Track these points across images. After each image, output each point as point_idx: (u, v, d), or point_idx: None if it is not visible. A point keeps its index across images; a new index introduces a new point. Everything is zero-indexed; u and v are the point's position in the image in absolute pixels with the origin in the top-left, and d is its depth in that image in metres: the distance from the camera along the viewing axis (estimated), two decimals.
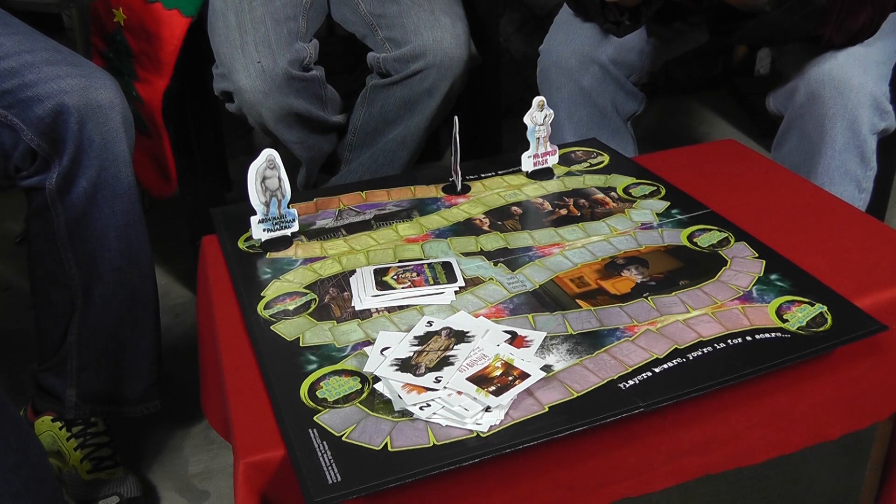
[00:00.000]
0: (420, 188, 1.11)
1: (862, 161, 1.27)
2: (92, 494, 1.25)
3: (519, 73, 2.49)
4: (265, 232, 0.97)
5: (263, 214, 0.97)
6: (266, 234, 0.97)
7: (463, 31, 1.49)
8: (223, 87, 1.43)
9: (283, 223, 0.98)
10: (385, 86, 1.47)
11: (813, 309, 0.83)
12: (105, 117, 1.11)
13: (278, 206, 0.97)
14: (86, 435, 1.28)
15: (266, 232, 0.97)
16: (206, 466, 1.35)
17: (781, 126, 1.34)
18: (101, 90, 1.11)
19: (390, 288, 0.88)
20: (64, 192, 1.13)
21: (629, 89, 1.46)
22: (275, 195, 0.97)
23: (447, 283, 0.88)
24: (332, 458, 0.67)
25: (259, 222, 0.97)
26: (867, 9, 1.19)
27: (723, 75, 2.72)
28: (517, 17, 2.49)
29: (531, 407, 0.72)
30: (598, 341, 0.80)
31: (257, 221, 0.97)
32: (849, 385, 0.86)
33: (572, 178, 1.13)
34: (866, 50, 1.24)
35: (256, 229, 0.97)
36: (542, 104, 1.10)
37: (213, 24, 1.43)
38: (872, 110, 1.23)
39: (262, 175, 0.95)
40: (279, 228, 0.98)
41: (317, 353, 0.79)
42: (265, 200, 0.96)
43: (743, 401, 0.79)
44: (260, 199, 0.96)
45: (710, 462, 0.81)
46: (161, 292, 1.28)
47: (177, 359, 1.51)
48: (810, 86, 1.25)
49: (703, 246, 0.95)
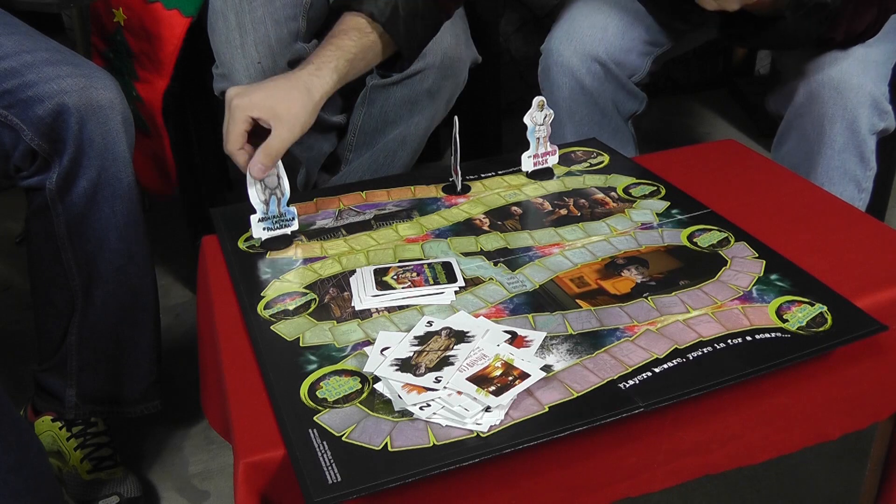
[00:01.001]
0: (420, 188, 1.11)
1: (861, 161, 1.27)
2: (92, 494, 1.25)
3: (519, 73, 2.49)
4: (265, 231, 0.98)
5: (263, 213, 0.97)
6: (266, 232, 0.98)
7: (463, 30, 1.49)
8: (223, 87, 1.42)
9: (283, 222, 0.98)
10: (385, 86, 1.46)
11: (813, 309, 0.83)
12: (105, 117, 1.11)
13: (278, 204, 0.97)
14: (86, 435, 1.28)
15: (266, 231, 0.98)
16: (206, 466, 1.35)
17: (781, 126, 1.34)
18: (102, 90, 1.11)
19: (390, 288, 0.88)
20: (64, 192, 1.13)
21: (630, 89, 1.46)
22: (274, 193, 0.97)
23: (447, 283, 0.88)
24: (332, 458, 0.67)
25: (259, 221, 0.97)
26: (872, 10, 1.20)
27: (723, 75, 2.72)
28: (517, 17, 2.49)
29: (531, 407, 0.72)
30: (598, 341, 0.80)
31: (257, 220, 0.97)
32: (849, 385, 0.86)
33: (572, 178, 1.13)
34: (866, 50, 1.24)
35: (256, 228, 0.97)
36: (542, 104, 1.10)
37: (213, 24, 1.43)
38: (872, 110, 1.23)
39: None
40: (279, 227, 0.98)
41: (317, 353, 0.79)
42: (264, 199, 0.97)
43: (743, 401, 0.79)
44: (259, 198, 0.96)
45: (710, 462, 0.81)
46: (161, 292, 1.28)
47: (177, 359, 1.52)
48: (809, 86, 1.25)
49: (703, 246, 0.95)
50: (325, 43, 1.10)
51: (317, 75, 1.04)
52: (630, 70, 1.44)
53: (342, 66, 1.07)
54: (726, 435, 0.80)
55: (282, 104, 0.98)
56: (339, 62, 1.06)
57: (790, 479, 0.91)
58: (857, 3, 1.18)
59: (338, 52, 1.07)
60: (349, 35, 1.10)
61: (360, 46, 1.10)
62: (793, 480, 0.92)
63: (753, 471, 0.86)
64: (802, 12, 1.15)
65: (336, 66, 1.06)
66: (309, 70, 1.04)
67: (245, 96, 0.98)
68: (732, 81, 2.68)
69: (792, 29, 1.18)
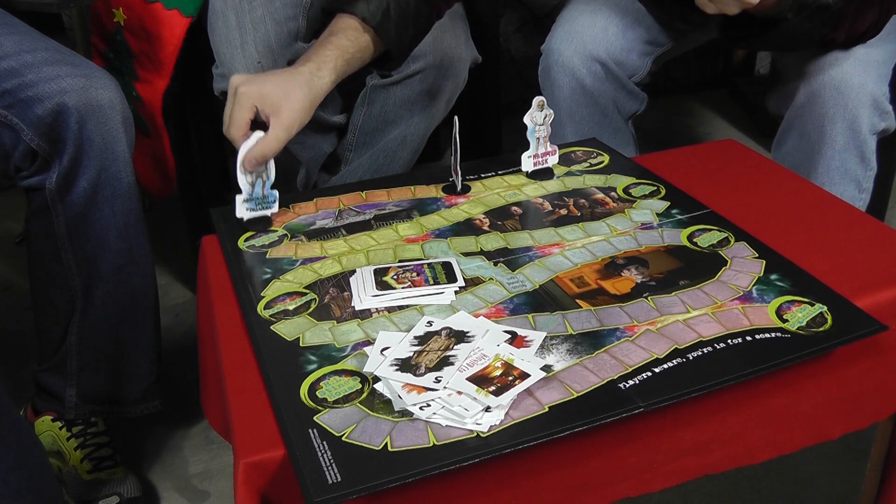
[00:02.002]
0: (420, 188, 1.11)
1: (862, 161, 1.27)
2: (92, 494, 1.25)
3: (519, 73, 2.49)
4: (248, 211, 1.02)
5: (248, 194, 1.02)
6: (248, 213, 1.02)
7: (463, 30, 1.49)
8: (223, 87, 1.42)
9: (266, 203, 1.03)
10: (385, 86, 1.46)
11: (813, 309, 0.83)
12: (105, 117, 1.11)
13: (262, 187, 1.02)
14: (86, 435, 1.28)
15: (248, 211, 1.02)
16: (206, 466, 1.35)
17: (781, 126, 1.34)
18: (101, 90, 1.11)
19: (390, 288, 0.88)
20: (64, 193, 1.13)
21: (630, 89, 1.46)
22: (260, 177, 1.02)
23: (447, 283, 0.88)
24: (332, 458, 0.67)
25: (244, 201, 1.02)
26: (873, 10, 1.20)
27: (723, 75, 2.72)
28: (517, 17, 2.49)
29: (531, 407, 0.72)
30: (598, 341, 0.80)
31: (242, 200, 1.01)
32: (849, 385, 0.86)
33: (572, 178, 1.13)
34: (866, 50, 1.24)
35: (240, 208, 1.02)
36: (542, 104, 1.10)
37: (213, 24, 1.43)
38: (872, 110, 1.23)
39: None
40: (261, 208, 1.03)
41: (317, 353, 0.79)
42: (251, 181, 1.01)
43: (743, 401, 0.79)
44: (246, 179, 1.01)
45: (710, 462, 0.81)
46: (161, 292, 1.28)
47: (177, 359, 1.52)
48: (810, 86, 1.25)
49: (703, 246, 0.95)
50: (323, 41, 1.12)
51: (318, 75, 1.07)
52: (630, 70, 1.44)
53: (340, 66, 1.10)
54: (726, 435, 0.80)
55: (285, 101, 1.02)
56: (337, 62, 1.10)
57: (790, 479, 0.91)
58: (858, 5, 1.18)
59: (336, 51, 1.10)
60: (347, 35, 1.13)
61: (356, 46, 1.13)
62: (793, 480, 0.92)
63: (753, 471, 0.86)
64: (805, 14, 1.15)
65: (335, 66, 1.10)
66: (310, 69, 1.08)
67: (252, 84, 1.02)
68: (732, 81, 2.68)
69: (794, 31, 1.18)
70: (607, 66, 1.40)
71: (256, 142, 1.00)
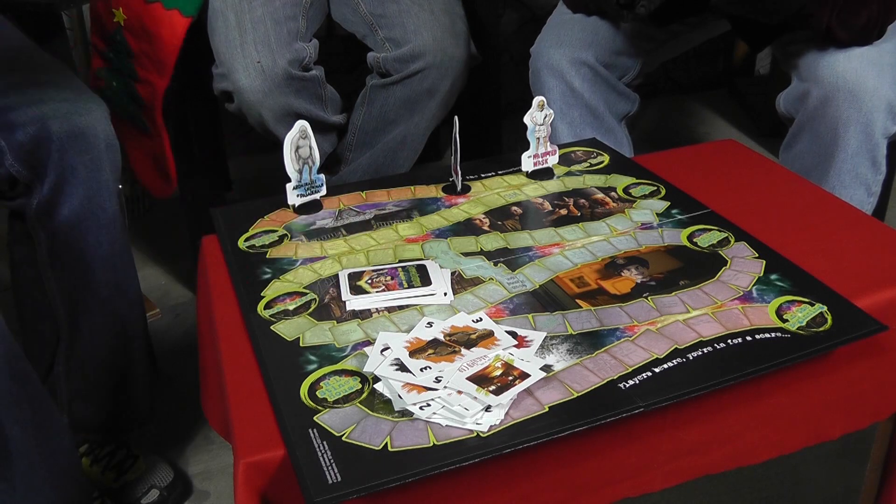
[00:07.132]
0: (420, 188, 1.11)
1: (873, 165, 1.26)
2: (130, 497, 1.23)
3: (519, 73, 2.48)
4: (298, 197, 1.05)
5: (297, 181, 1.04)
6: (299, 199, 1.05)
7: (463, 30, 1.49)
8: (223, 86, 1.43)
9: (314, 188, 1.06)
10: (385, 86, 1.47)
11: (813, 309, 0.83)
12: (88, 145, 1.07)
13: (310, 172, 1.04)
14: (94, 451, 1.26)
15: (299, 197, 1.05)
16: (206, 466, 1.35)
17: (792, 128, 1.33)
18: (85, 116, 1.07)
19: (365, 292, 0.87)
20: (45, 220, 1.08)
21: (621, 90, 1.45)
22: (307, 163, 1.04)
23: (421, 285, 0.88)
24: (332, 458, 0.67)
25: (294, 188, 1.04)
26: (871, 5, 1.19)
27: (723, 75, 2.72)
28: (517, 17, 2.49)
29: (531, 407, 0.72)
30: (598, 341, 0.80)
31: (292, 188, 1.04)
32: (849, 385, 0.86)
33: (572, 178, 1.13)
34: (880, 53, 1.23)
35: (291, 195, 1.04)
36: (542, 104, 1.10)
37: (213, 24, 1.43)
38: (886, 114, 1.21)
39: (296, 144, 1.01)
40: (310, 193, 1.06)
41: (317, 353, 0.79)
42: (298, 168, 1.03)
43: (743, 401, 0.79)
44: (294, 167, 1.03)
45: (710, 462, 0.81)
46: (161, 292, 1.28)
47: (177, 359, 1.52)
48: (824, 89, 1.23)
49: (703, 246, 0.95)
50: None
51: None
52: (620, 71, 1.44)
53: None
54: (726, 435, 0.80)
55: None
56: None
57: (790, 479, 0.91)
58: None
59: None
60: None
61: None
62: (793, 480, 0.92)
63: (753, 471, 0.86)
64: None
65: None
66: None
67: None
68: (732, 81, 2.68)
69: None
70: (595, 68, 1.39)
71: (298, 130, 1.01)
